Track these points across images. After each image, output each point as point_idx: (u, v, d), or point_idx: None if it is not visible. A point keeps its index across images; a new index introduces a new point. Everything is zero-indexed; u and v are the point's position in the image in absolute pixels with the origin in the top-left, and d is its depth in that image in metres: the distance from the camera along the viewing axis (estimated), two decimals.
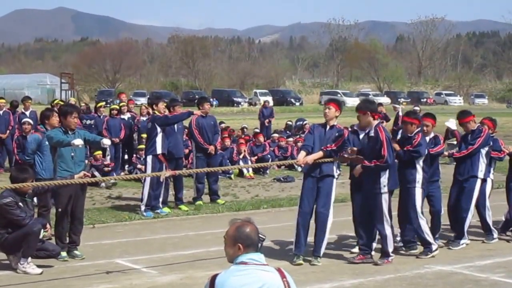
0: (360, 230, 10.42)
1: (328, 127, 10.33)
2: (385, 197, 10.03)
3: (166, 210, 14.14)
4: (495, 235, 11.86)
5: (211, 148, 15.02)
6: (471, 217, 11.34)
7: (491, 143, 11.61)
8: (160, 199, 14.16)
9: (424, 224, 10.55)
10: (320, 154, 10.13)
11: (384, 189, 10.00)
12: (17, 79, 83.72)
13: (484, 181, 11.44)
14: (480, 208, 11.68)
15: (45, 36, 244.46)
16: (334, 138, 10.22)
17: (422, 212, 10.57)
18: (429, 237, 10.53)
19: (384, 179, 9.98)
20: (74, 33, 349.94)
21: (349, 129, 11.40)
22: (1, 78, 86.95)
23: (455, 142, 14.48)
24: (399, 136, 11.25)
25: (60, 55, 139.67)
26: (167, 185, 14.45)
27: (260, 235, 4.80)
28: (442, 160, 12.82)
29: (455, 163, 12.02)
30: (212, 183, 15.42)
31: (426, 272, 9.76)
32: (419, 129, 10.74)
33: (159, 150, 13.82)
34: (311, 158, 10.14)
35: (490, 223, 11.80)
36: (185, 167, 14.77)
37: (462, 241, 11.26)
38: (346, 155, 10.26)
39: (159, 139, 13.81)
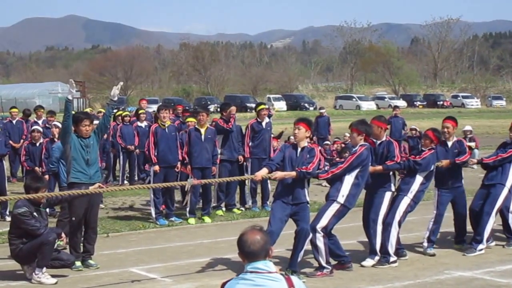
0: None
1: (299, 149, 9.74)
2: (333, 206, 9.74)
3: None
4: None
5: (240, 158, 14.95)
6: (493, 223, 11.16)
7: None
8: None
9: (395, 234, 10.31)
10: (293, 174, 9.51)
11: (341, 199, 9.70)
12: (28, 88, 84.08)
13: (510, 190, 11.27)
14: (504, 210, 11.54)
15: (56, 44, 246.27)
16: (308, 159, 9.61)
17: (399, 222, 10.38)
18: (391, 248, 10.28)
19: (345, 190, 9.71)
20: (85, 41, 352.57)
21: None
22: (13, 87, 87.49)
23: (473, 145, 14.30)
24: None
25: (71, 63, 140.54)
26: (170, 193, 14.09)
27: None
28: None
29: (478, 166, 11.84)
30: (231, 194, 15.29)
31: (446, 278, 9.61)
32: (433, 146, 10.73)
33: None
34: (282, 174, 9.56)
35: None
36: (213, 176, 14.44)
37: (479, 247, 11.03)
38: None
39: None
